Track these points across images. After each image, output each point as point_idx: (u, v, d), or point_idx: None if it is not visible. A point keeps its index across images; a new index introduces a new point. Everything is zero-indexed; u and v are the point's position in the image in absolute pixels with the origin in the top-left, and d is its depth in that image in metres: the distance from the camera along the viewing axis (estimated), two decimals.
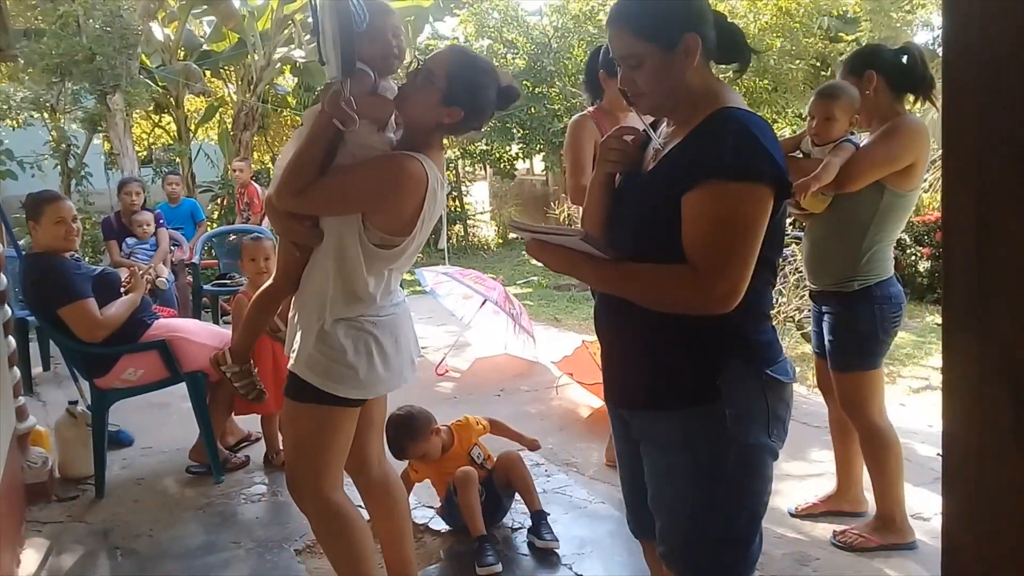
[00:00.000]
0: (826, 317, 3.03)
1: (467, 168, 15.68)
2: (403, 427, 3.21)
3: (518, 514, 3.39)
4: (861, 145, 2.87)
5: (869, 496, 3.19)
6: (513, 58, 14.36)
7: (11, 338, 3.85)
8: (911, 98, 2.94)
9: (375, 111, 2.22)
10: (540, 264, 1.84)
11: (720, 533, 1.77)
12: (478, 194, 16.05)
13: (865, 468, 3.11)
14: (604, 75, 3.34)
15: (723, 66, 1.85)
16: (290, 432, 2.42)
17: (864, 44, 3.19)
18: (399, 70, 2.44)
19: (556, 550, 3.10)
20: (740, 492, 1.74)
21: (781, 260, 6.43)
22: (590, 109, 3.51)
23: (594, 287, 1.82)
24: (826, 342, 3.03)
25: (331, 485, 2.38)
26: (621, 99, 1.82)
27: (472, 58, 2.28)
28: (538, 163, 15.97)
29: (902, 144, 2.80)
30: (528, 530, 3.22)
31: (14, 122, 11.06)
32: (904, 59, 2.89)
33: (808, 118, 2.97)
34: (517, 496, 3.36)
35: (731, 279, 1.60)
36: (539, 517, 3.20)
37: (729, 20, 1.80)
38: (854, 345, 2.95)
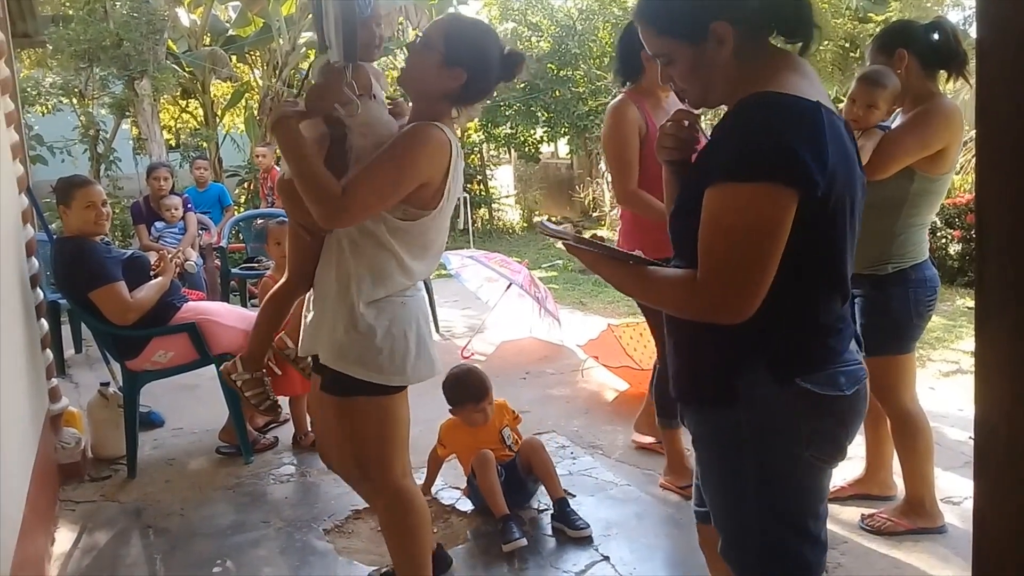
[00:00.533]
0: (858, 300, 2.98)
1: (492, 152, 15.65)
2: (472, 381, 3.31)
3: (545, 496, 3.41)
4: (891, 128, 2.83)
5: (898, 480, 3.17)
6: (538, 41, 14.29)
7: (43, 321, 3.91)
8: (944, 75, 2.88)
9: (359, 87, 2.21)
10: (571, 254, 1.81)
11: (753, 538, 1.68)
12: (503, 178, 16.02)
13: (895, 452, 3.09)
14: (646, 54, 3.17)
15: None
16: (345, 428, 2.30)
17: (892, 23, 3.11)
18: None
19: (589, 536, 3.09)
20: (767, 501, 1.64)
21: None
22: (624, 90, 3.23)
23: (614, 287, 1.76)
24: (858, 325, 2.99)
25: (402, 472, 2.35)
26: (658, 77, 1.74)
27: (470, 20, 2.29)
28: (563, 146, 15.91)
29: (934, 130, 2.74)
30: (553, 517, 3.22)
31: (43, 108, 11.19)
32: (935, 35, 2.82)
33: (848, 101, 2.88)
34: None
35: (730, 290, 1.47)
36: (563, 504, 3.20)
37: None
38: (887, 328, 2.90)
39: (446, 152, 2.13)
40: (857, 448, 3.43)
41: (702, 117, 1.79)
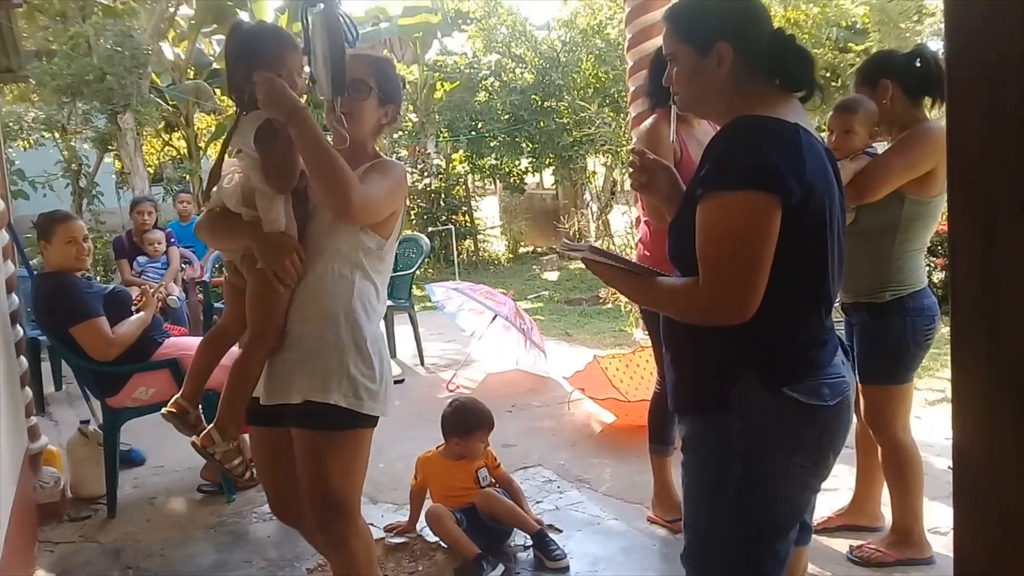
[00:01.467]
0: (857, 329, 2.98)
1: (477, 183, 15.72)
2: (482, 413, 3.38)
3: (553, 532, 3.36)
4: (878, 154, 2.86)
5: (885, 511, 3.15)
6: (522, 72, 14.41)
7: (23, 358, 3.87)
8: (928, 102, 2.91)
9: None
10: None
11: (722, 544, 1.74)
12: (488, 209, 16.08)
13: (884, 483, 3.08)
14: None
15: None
16: (330, 464, 2.17)
17: (873, 54, 3.13)
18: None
19: (567, 567, 3.07)
20: (745, 508, 1.69)
21: None
22: (658, 111, 3.14)
23: (627, 298, 1.86)
24: (856, 353, 2.99)
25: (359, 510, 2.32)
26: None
27: (385, 58, 2.44)
28: (548, 177, 16.00)
29: (919, 152, 2.76)
30: (533, 547, 3.19)
31: (26, 142, 11.17)
32: (917, 62, 2.84)
33: (828, 133, 2.92)
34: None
35: (728, 292, 1.58)
36: (541, 535, 3.17)
37: (796, 44, 1.74)
38: (884, 357, 2.90)
39: (406, 184, 2.31)
40: (846, 479, 3.42)
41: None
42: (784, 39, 1.73)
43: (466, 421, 3.34)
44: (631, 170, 2.01)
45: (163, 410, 2.41)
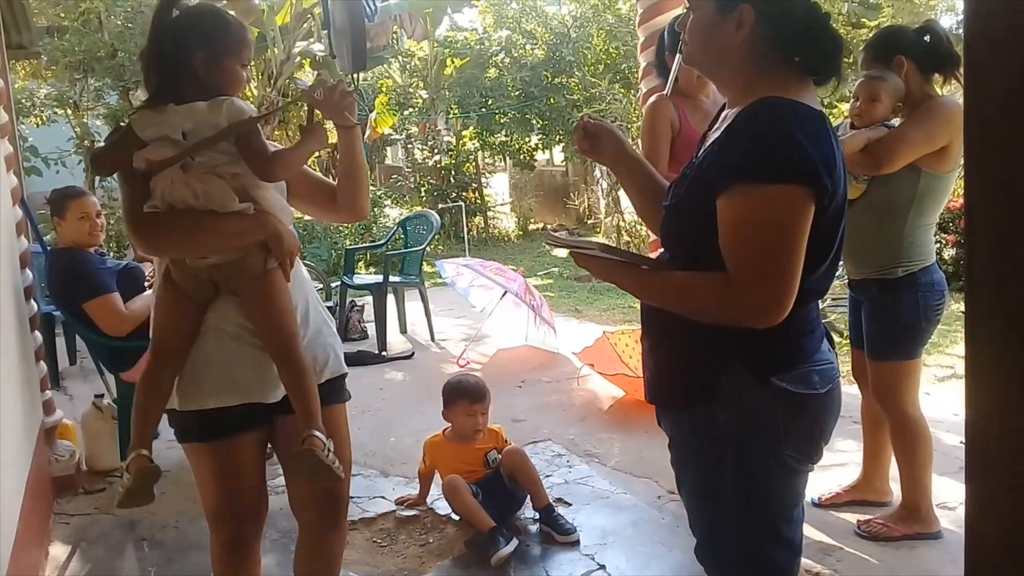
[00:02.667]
0: (866, 305, 2.98)
1: (487, 160, 15.68)
2: (470, 381, 3.42)
3: (563, 506, 3.39)
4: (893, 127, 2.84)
5: (894, 486, 3.16)
6: (532, 48, 14.33)
7: (37, 333, 3.90)
8: (939, 79, 2.89)
9: None
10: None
11: (730, 539, 1.70)
12: (498, 186, 16.05)
13: (892, 458, 3.09)
14: (668, 55, 3.24)
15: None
16: (345, 432, 2.20)
17: (881, 30, 3.07)
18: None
19: (576, 540, 3.11)
20: (744, 501, 1.65)
21: None
22: (658, 83, 3.30)
23: (633, 295, 1.76)
24: (865, 330, 2.99)
25: None
26: (694, 79, 1.78)
27: None
28: (558, 154, 15.94)
29: (938, 124, 2.74)
30: (540, 522, 3.22)
31: (38, 119, 11.19)
32: (927, 38, 2.83)
33: (852, 100, 2.89)
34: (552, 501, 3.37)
35: (769, 289, 1.48)
36: (549, 510, 3.21)
37: (830, 24, 1.62)
38: (895, 334, 2.89)
39: None
40: (854, 454, 3.43)
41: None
42: (820, 17, 1.61)
43: (447, 394, 3.40)
44: (579, 142, 1.92)
45: (122, 493, 2.01)
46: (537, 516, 3.27)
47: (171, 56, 1.91)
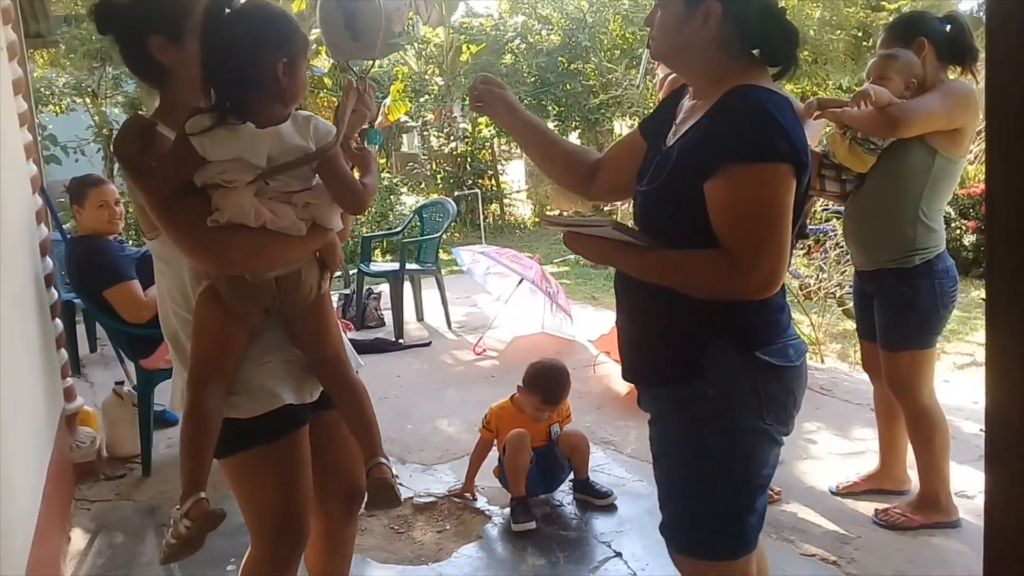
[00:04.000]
0: (880, 297, 2.94)
1: (503, 147, 15.65)
2: (552, 383, 3.38)
3: (563, 493, 3.41)
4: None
5: (912, 474, 3.15)
6: (548, 34, 14.28)
7: (58, 320, 3.93)
8: (956, 70, 2.86)
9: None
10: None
11: (705, 510, 1.75)
12: (514, 173, 16.01)
13: (908, 446, 3.07)
14: None
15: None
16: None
17: (905, 13, 3.03)
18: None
19: (614, 502, 3.28)
20: (726, 472, 1.72)
21: (822, 235, 6.34)
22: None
23: (633, 275, 1.76)
24: (879, 322, 2.95)
25: None
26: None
27: None
28: (574, 140, 15.88)
29: (956, 104, 2.71)
30: (575, 490, 3.38)
31: (57, 107, 11.28)
32: (948, 28, 2.81)
33: (866, 78, 2.88)
34: (566, 488, 3.46)
35: (770, 263, 1.57)
36: (585, 482, 3.36)
37: (784, 18, 1.72)
38: (912, 323, 2.86)
39: None
40: (871, 443, 3.42)
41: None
42: (774, 11, 1.72)
43: (528, 379, 3.41)
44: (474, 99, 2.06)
45: (175, 544, 1.83)
46: (558, 504, 3.32)
47: (250, 69, 1.68)
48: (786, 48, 1.70)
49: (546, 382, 3.34)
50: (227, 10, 1.68)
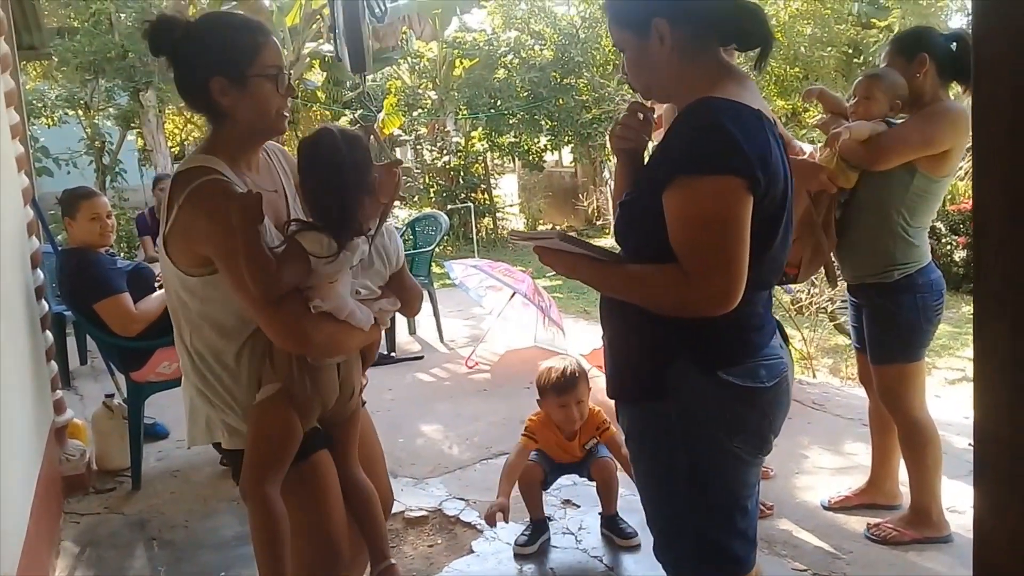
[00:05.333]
0: (866, 310, 2.96)
1: (496, 161, 15.69)
2: (557, 374, 3.09)
3: (548, 507, 3.39)
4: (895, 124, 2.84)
5: (903, 489, 3.15)
6: (541, 49, 14.33)
7: (48, 333, 3.92)
8: (957, 88, 2.87)
9: None
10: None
11: (687, 533, 1.73)
12: (507, 187, 16.06)
13: (901, 461, 3.08)
14: None
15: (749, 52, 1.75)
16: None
17: (912, 27, 3.03)
18: None
19: (638, 544, 3.06)
20: (699, 493, 1.69)
21: None
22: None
23: (597, 289, 1.78)
24: (866, 335, 2.97)
25: None
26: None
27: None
28: (567, 155, 15.95)
29: (939, 129, 2.73)
30: (603, 526, 3.19)
31: (49, 120, 11.25)
32: (954, 46, 2.80)
33: (851, 99, 2.90)
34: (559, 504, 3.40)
35: (722, 277, 1.54)
36: (612, 520, 3.17)
37: (744, 2, 1.69)
38: (896, 337, 2.88)
39: None
40: (863, 457, 3.42)
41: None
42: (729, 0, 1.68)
43: (539, 388, 3.17)
44: (620, 126, 1.84)
45: None
46: (567, 531, 3.26)
47: (353, 191, 1.82)
48: (753, 25, 1.67)
49: (550, 375, 3.12)
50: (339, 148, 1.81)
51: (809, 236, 2.88)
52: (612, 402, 1.88)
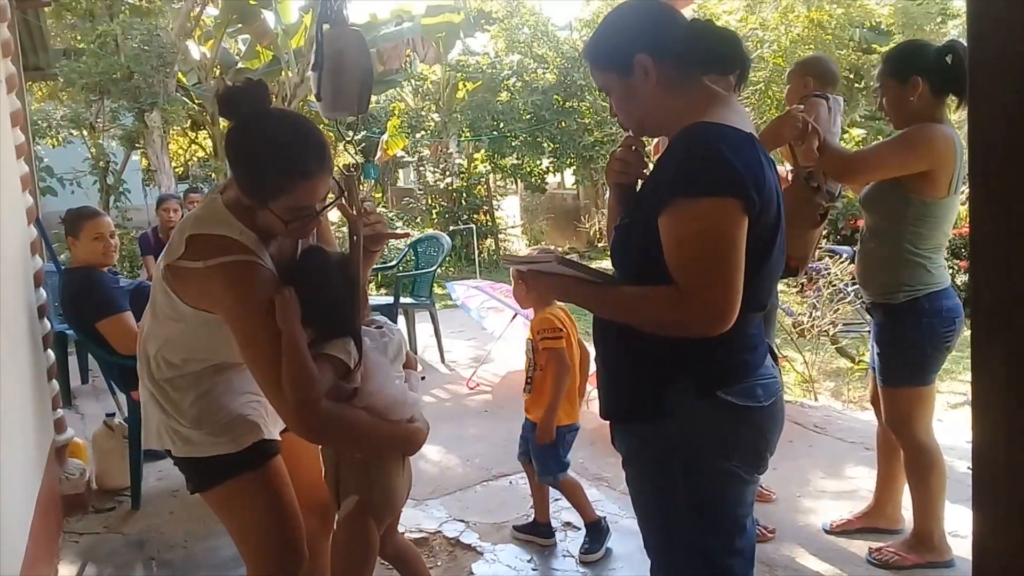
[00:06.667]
0: (875, 330, 2.98)
1: (498, 183, 15.73)
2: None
3: (572, 543, 3.36)
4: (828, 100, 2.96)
5: (905, 513, 3.13)
6: (543, 72, 14.40)
7: (50, 351, 3.92)
8: (952, 102, 2.85)
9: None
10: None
11: (685, 553, 1.74)
12: (509, 208, 16.08)
13: (905, 486, 3.07)
14: None
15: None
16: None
17: (904, 43, 2.97)
18: None
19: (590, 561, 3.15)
20: (697, 513, 1.70)
21: (815, 273, 6.34)
22: None
23: (592, 312, 1.80)
24: (874, 355, 2.98)
25: None
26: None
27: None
28: (569, 177, 15.98)
29: (913, 149, 2.72)
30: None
31: (54, 140, 11.31)
32: (948, 59, 2.75)
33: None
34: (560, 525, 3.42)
35: (717, 298, 1.55)
36: (588, 528, 3.27)
37: (715, 27, 1.76)
38: (902, 359, 2.88)
39: None
40: (865, 481, 3.41)
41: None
42: (699, 28, 1.73)
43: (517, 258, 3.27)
44: (618, 160, 1.88)
45: None
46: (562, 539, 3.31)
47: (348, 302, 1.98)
48: (728, 50, 1.71)
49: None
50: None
51: (807, 229, 2.97)
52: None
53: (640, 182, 1.83)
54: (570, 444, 3.24)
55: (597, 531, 3.23)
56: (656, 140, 3.38)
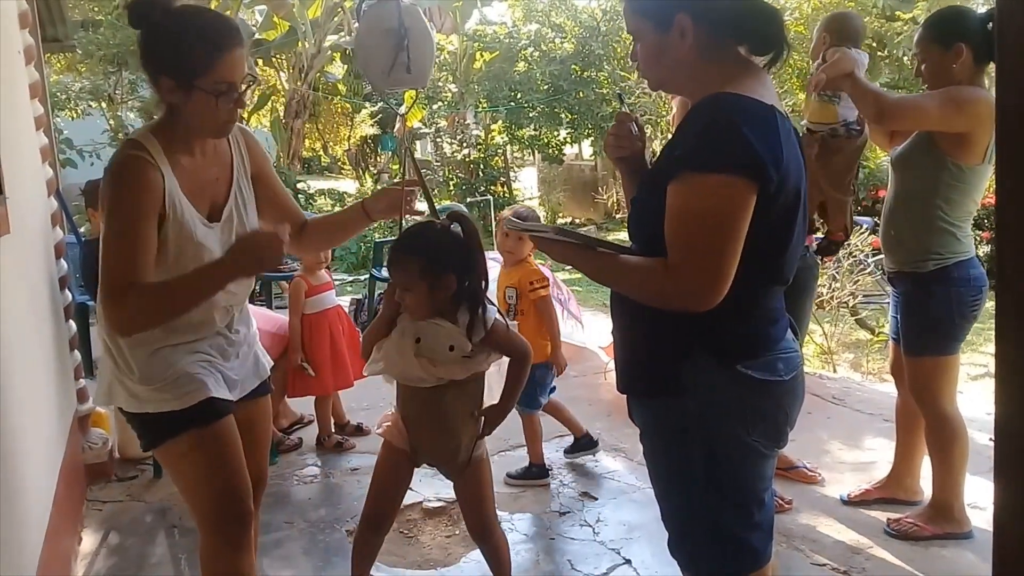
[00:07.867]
0: (901, 299, 2.95)
1: (515, 154, 15.68)
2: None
3: (566, 498, 3.41)
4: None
5: (924, 484, 3.13)
6: (561, 42, 14.29)
7: (72, 322, 3.96)
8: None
9: None
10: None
11: (704, 527, 1.73)
12: (526, 180, 16.04)
13: (924, 457, 3.06)
14: None
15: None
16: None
17: (947, 9, 2.90)
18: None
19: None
20: (716, 488, 1.68)
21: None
22: None
23: (591, 278, 1.80)
24: (901, 325, 2.96)
25: None
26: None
27: None
28: (586, 148, 15.90)
29: (956, 106, 2.67)
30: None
31: (73, 112, 11.36)
32: (990, 26, 2.68)
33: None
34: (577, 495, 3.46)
35: (703, 274, 1.52)
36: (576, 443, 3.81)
37: (762, 4, 1.69)
38: (928, 328, 2.86)
39: None
40: (883, 452, 3.40)
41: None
42: (748, 1, 1.67)
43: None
44: (613, 136, 1.90)
45: None
46: (568, 510, 3.30)
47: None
48: (769, 28, 1.66)
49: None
50: None
51: (841, 205, 3.09)
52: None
53: (651, 153, 1.81)
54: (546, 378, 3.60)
55: (587, 440, 3.82)
56: (675, 110, 3.37)
